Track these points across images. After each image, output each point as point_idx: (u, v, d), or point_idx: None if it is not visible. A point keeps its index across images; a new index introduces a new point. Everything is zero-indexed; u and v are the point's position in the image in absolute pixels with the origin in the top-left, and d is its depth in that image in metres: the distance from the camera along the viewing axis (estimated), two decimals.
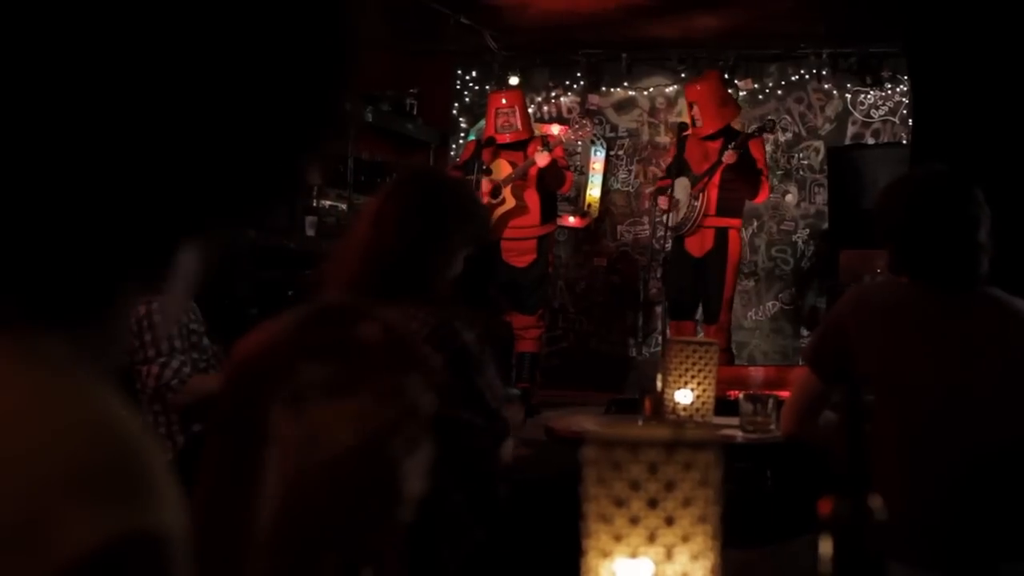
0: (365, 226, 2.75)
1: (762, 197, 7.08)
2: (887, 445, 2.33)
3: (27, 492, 0.60)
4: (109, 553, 0.60)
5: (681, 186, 6.96)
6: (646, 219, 7.51)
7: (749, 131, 7.40)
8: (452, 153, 8.61)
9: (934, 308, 2.39)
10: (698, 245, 6.94)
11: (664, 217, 7.05)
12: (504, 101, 7.20)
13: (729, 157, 6.71)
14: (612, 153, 8.68)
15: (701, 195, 6.86)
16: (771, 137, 8.25)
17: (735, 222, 6.99)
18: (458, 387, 2.65)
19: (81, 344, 0.69)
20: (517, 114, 7.13)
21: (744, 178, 6.79)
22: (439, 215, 2.70)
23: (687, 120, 7.12)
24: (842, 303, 2.51)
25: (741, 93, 8.34)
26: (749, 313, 8.36)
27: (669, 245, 7.02)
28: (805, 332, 8.18)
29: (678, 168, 7.03)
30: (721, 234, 6.92)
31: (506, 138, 7.09)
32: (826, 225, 8.02)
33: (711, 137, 6.92)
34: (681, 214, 6.89)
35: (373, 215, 2.75)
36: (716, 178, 6.84)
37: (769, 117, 7.76)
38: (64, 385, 0.65)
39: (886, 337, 2.39)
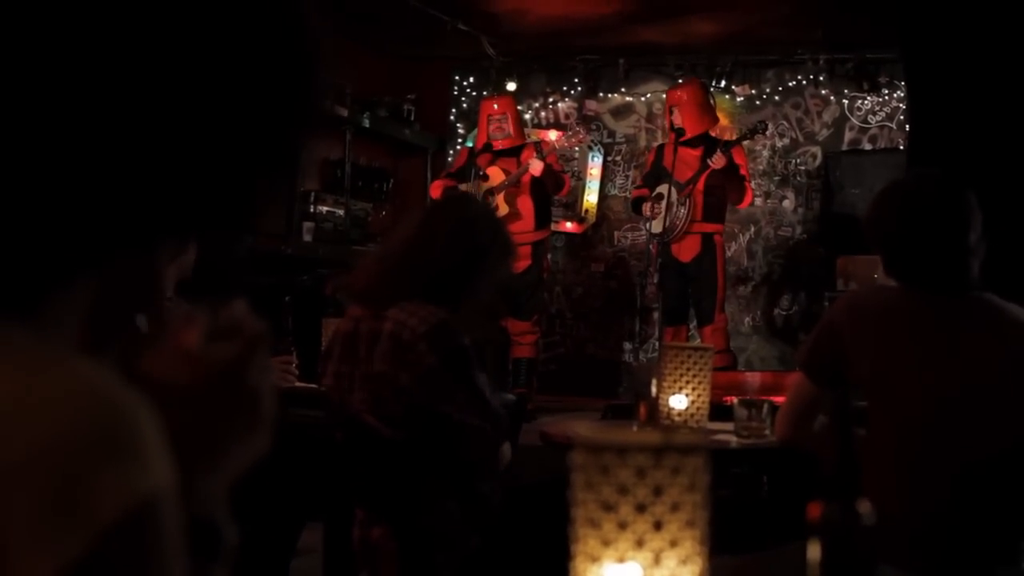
0: (409, 234, 2.81)
1: (746, 202, 7.15)
2: (880, 450, 2.33)
3: (49, 463, 0.64)
4: (134, 513, 0.65)
5: (665, 192, 6.97)
6: (643, 225, 7.52)
7: (741, 132, 7.45)
8: (449, 159, 8.61)
9: (927, 314, 2.40)
10: (686, 251, 6.96)
11: (648, 224, 7.09)
12: (496, 107, 7.20)
13: (717, 161, 6.74)
14: (609, 159, 8.69)
15: (688, 200, 6.89)
16: (767, 141, 8.27)
17: (719, 227, 7.05)
18: (458, 388, 2.65)
19: (45, 323, 0.73)
20: (509, 120, 7.13)
21: (730, 183, 6.84)
22: (485, 242, 2.79)
23: (666, 124, 7.14)
24: (836, 308, 2.51)
25: (739, 99, 8.36)
26: (746, 318, 8.37)
27: (654, 252, 7.07)
28: (802, 337, 8.18)
29: (656, 176, 7.06)
30: (708, 239, 6.96)
31: (499, 145, 7.09)
32: (823, 230, 8.03)
33: (691, 144, 6.94)
34: (667, 221, 6.90)
35: (419, 226, 2.81)
36: (700, 184, 6.87)
37: (760, 120, 7.76)
38: (50, 360, 0.69)
39: (879, 342, 2.39)
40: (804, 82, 8.27)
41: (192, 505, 0.80)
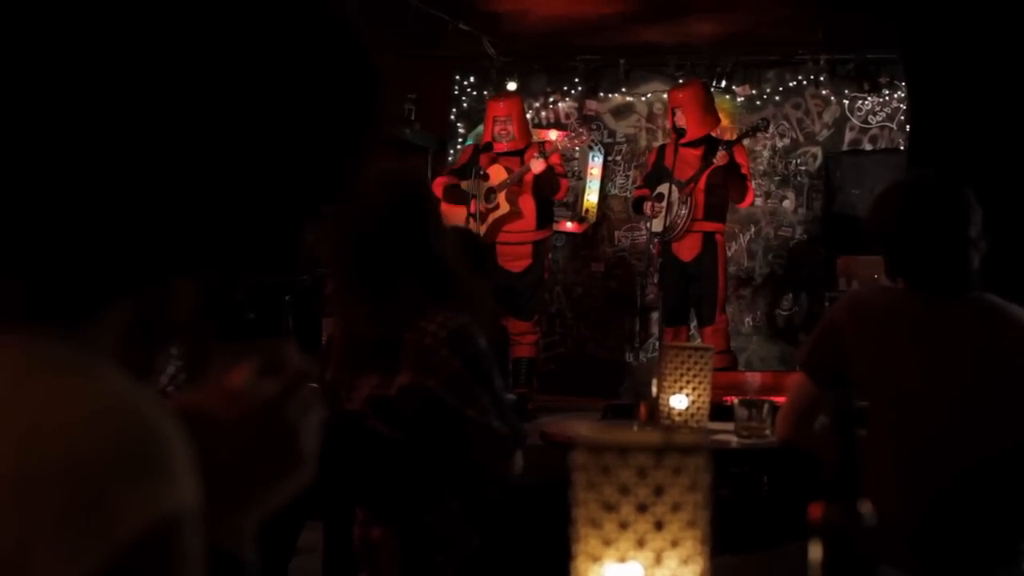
0: (351, 249, 2.70)
1: (748, 201, 7.15)
2: (881, 450, 2.33)
3: (77, 476, 0.64)
4: (156, 531, 0.65)
5: (666, 191, 6.97)
6: (643, 225, 7.52)
7: (742, 131, 7.46)
8: (450, 159, 8.61)
9: (927, 315, 2.40)
10: (687, 250, 6.96)
11: (649, 223, 7.09)
12: (502, 107, 7.19)
13: (721, 159, 6.73)
14: (610, 159, 8.69)
15: (689, 199, 6.89)
16: (767, 142, 8.27)
17: (720, 226, 7.05)
18: (481, 392, 2.64)
19: (84, 338, 0.74)
20: (514, 123, 7.11)
21: (732, 182, 6.84)
22: (414, 222, 2.68)
23: (669, 124, 7.13)
24: (837, 308, 2.51)
25: (739, 99, 8.36)
26: (747, 318, 8.37)
27: (655, 251, 7.07)
28: (803, 338, 8.17)
29: (658, 176, 7.06)
30: (709, 238, 6.95)
31: (502, 147, 7.09)
32: (823, 231, 8.03)
33: (692, 144, 6.94)
34: (668, 220, 6.89)
35: (355, 242, 2.69)
36: (702, 183, 6.87)
37: (762, 117, 7.77)
38: (86, 374, 0.70)
39: (879, 343, 2.39)
40: (805, 82, 8.26)
41: (220, 539, 0.80)
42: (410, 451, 2.69)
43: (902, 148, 7.59)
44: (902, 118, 7.92)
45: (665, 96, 8.35)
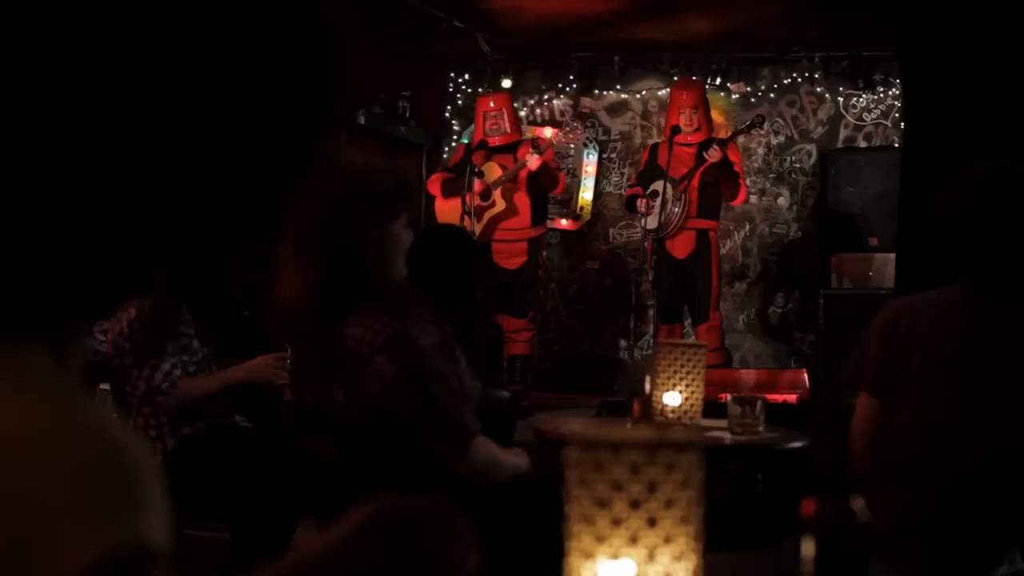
0: (297, 261, 2.76)
1: (740, 199, 7.16)
2: (892, 448, 2.32)
3: (28, 506, 0.61)
4: (105, 570, 0.61)
5: (660, 189, 6.97)
6: (638, 222, 7.53)
7: (737, 128, 7.48)
8: (444, 156, 8.61)
9: (977, 315, 2.35)
10: (681, 247, 6.96)
11: (644, 221, 7.10)
12: (492, 104, 7.20)
13: (714, 155, 6.74)
14: (605, 156, 8.69)
15: (683, 196, 6.89)
16: (763, 139, 8.27)
17: (714, 224, 7.06)
18: (418, 397, 2.66)
19: (61, 353, 0.71)
20: (505, 117, 7.12)
21: (726, 178, 6.85)
22: (347, 221, 2.72)
23: (671, 122, 7.12)
24: (881, 320, 2.41)
25: (734, 96, 8.36)
26: (741, 316, 8.37)
27: (650, 249, 7.08)
28: (797, 335, 8.20)
29: (651, 174, 7.06)
30: (703, 235, 6.97)
31: (495, 141, 7.08)
32: (818, 228, 8.04)
33: (688, 142, 6.96)
34: (662, 217, 6.90)
35: (297, 247, 2.75)
36: (696, 180, 6.88)
37: (758, 114, 7.79)
38: (58, 399, 0.67)
39: (921, 339, 2.35)
40: (799, 80, 8.27)
41: None
42: (399, 450, 2.70)
43: (897, 145, 7.60)
44: (897, 115, 7.93)
45: (660, 93, 8.36)
